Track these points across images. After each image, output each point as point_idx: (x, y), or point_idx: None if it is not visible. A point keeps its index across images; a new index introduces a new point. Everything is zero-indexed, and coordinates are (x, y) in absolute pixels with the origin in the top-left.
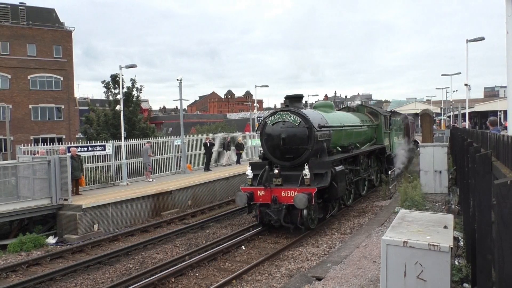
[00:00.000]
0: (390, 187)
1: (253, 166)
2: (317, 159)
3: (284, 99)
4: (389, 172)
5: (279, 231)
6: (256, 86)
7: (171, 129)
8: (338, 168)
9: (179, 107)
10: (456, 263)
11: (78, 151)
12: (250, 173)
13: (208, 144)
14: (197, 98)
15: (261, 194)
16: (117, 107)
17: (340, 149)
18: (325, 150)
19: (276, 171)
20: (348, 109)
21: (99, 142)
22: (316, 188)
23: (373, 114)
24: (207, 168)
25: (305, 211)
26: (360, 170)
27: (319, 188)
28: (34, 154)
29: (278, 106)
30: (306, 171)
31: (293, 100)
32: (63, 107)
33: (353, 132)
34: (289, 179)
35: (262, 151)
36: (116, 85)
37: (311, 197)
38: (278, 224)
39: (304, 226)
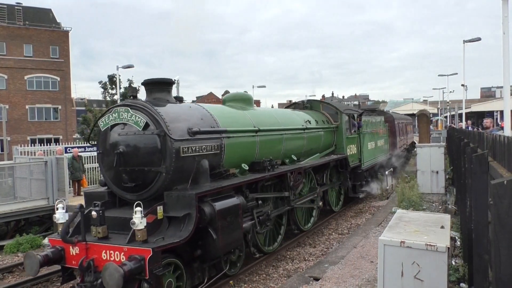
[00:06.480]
0: (388, 187)
1: (88, 198)
2: (186, 190)
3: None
4: (359, 193)
5: None
6: (253, 87)
7: None
8: (220, 205)
9: None
10: (453, 263)
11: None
12: (61, 214)
13: None
14: (195, 99)
15: (75, 253)
16: None
17: (247, 167)
18: (204, 173)
19: (93, 213)
20: (295, 105)
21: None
22: (151, 249)
23: (333, 113)
24: None
25: (145, 286)
26: (290, 197)
27: (163, 248)
28: (34, 154)
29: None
30: (137, 217)
31: (154, 89)
32: (60, 107)
33: (282, 139)
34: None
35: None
36: (113, 86)
37: (141, 266)
38: None
39: None
